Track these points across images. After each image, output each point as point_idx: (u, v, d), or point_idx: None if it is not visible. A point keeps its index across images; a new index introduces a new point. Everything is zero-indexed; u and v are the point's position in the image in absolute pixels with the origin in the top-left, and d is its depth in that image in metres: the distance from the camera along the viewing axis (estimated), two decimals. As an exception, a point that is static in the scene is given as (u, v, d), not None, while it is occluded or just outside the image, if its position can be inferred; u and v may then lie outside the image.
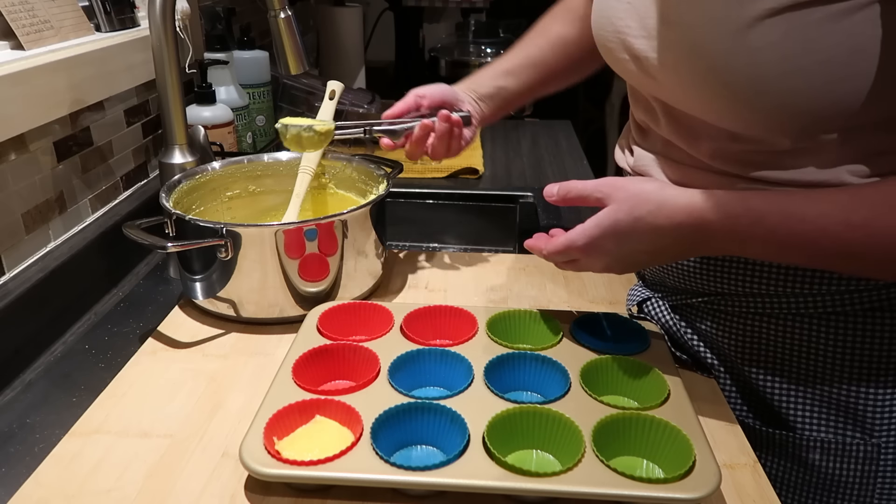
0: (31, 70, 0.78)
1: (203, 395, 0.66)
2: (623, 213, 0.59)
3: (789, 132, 0.56)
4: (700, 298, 0.70)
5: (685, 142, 0.64)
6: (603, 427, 0.56)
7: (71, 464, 0.57)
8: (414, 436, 0.58)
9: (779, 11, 0.52)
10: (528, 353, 0.65)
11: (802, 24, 0.51)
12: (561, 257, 0.64)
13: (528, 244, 0.67)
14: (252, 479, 0.55)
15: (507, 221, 1.22)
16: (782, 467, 0.68)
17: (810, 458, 0.66)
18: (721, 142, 0.61)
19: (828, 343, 0.64)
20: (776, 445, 0.67)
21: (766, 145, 0.58)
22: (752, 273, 0.65)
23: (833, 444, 0.65)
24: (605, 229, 0.60)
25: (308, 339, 0.68)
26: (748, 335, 0.67)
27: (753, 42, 0.53)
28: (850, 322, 0.62)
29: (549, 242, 0.64)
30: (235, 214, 0.92)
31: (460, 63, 1.78)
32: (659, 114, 0.66)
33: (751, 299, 0.66)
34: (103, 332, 0.78)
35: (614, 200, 0.60)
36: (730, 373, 0.70)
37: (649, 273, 0.76)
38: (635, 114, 0.72)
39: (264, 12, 0.90)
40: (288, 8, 0.87)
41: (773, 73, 0.53)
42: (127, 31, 1.01)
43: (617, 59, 0.67)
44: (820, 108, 0.54)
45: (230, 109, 1.21)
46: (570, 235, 0.62)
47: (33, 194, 0.82)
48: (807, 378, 0.65)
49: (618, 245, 0.60)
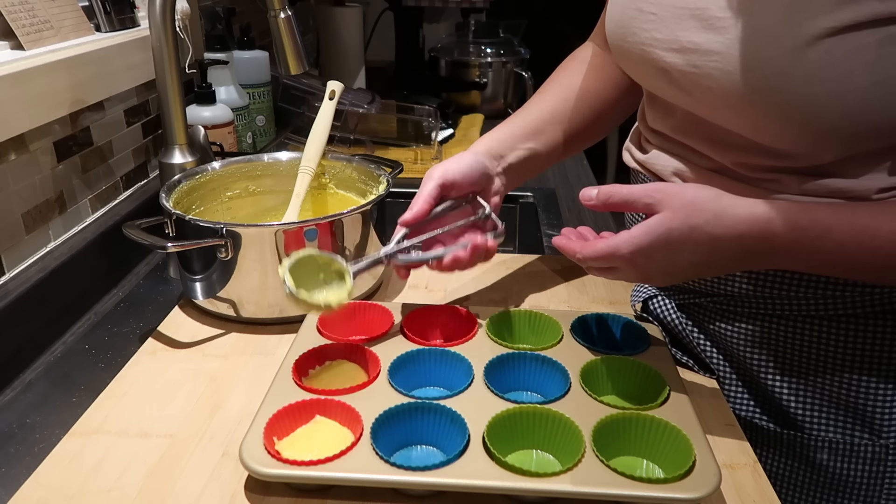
0: (31, 70, 0.78)
1: (203, 395, 0.66)
2: (678, 222, 0.54)
3: (835, 149, 0.55)
4: (709, 299, 0.69)
5: (711, 150, 0.63)
6: (603, 427, 0.56)
7: (71, 464, 0.57)
8: (414, 436, 0.58)
9: (840, 31, 0.50)
10: (528, 353, 0.65)
11: (863, 45, 0.50)
12: (600, 263, 0.59)
13: (559, 244, 0.61)
14: (252, 479, 0.55)
15: (507, 221, 1.21)
16: (790, 467, 0.68)
17: (818, 458, 0.66)
18: (753, 154, 0.59)
19: (837, 345, 0.63)
20: (784, 445, 0.67)
21: (804, 160, 0.57)
22: (765, 275, 0.64)
23: (841, 444, 0.65)
24: (657, 238, 0.55)
25: (308, 339, 0.68)
26: (758, 336, 0.67)
27: (811, 62, 0.51)
28: (861, 324, 0.62)
29: (586, 247, 0.58)
30: (235, 214, 0.92)
31: (460, 63, 1.78)
32: (684, 122, 0.64)
33: (761, 300, 0.66)
34: (103, 332, 0.78)
35: (667, 207, 0.55)
36: (737, 372, 0.70)
37: None
38: (650, 117, 0.70)
39: (264, 12, 0.90)
40: (288, 8, 0.87)
41: (830, 93, 0.52)
42: (127, 31, 1.01)
43: (640, 70, 0.65)
44: (872, 128, 0.53)
45: (230, 109, 1.21)
46: (615, 242, 0.56)
47: (33, 194, 0.82)
48: (816, 378, 0.65)
49: (668, 255, 0.55)
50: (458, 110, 1.71)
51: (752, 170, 0.60)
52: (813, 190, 0.58)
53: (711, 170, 0.64)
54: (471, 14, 1.97)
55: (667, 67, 0.61)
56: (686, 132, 0.65)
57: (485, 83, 1.77)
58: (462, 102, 1.76)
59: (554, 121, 0.78)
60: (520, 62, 1.79)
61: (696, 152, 0.65)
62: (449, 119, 1.57)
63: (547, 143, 0.78)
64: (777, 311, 0.65)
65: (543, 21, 2.30)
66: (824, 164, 0.57)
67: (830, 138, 0.54)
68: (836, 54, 0.51)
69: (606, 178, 2.93)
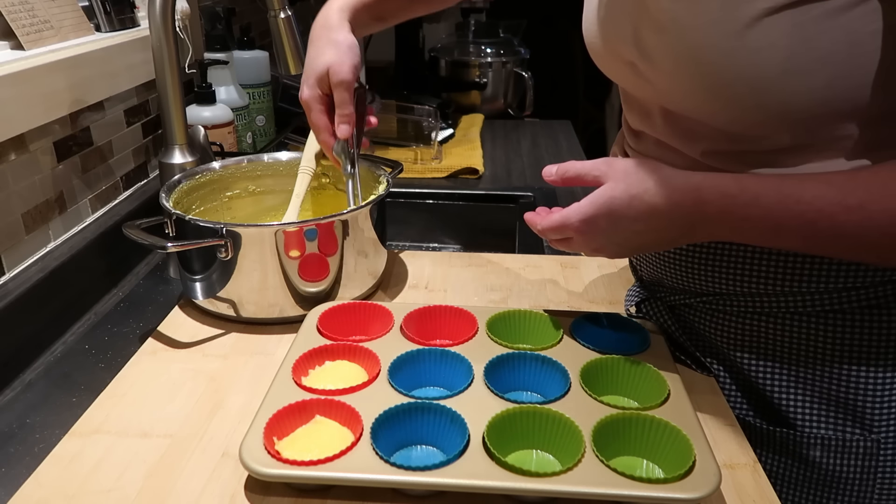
0: (31, 70, 0.78)
1: (203, 395, 0.66)
2: (619, 191, 0.59)
3: (790, 130, 0.56)
4: (698, 298, 0.70)
5: (681, 142, 0.64)
6: (603, 427, 0.56)
7: (71, 464, 0.57)
8: (414, 436, 0.58)
9: (776, 10, 0.52)
10: (528, 353, 0.65)
11: (801, 22, 0.51)
12: (555, 234, 0.64)
13: (528, 217, 0.67)
14: (252, 479, 0.55)
15: (507, 221, 1.22)
16: (783, 465, 0.68)
17: (811, 455, 0.66)
18: (719, 142, 0.61)
19: (826, 340, 0.64)
20: (777, 443, 0.68)
21: (764, 144, 0.58)
22: (751, 272, 0.65)
23: (833, 440, 0.65)
24: (600, 207, 0.59)
25: (308, 339, 0.68)
26: (747, 334, 0.67)
27: (753, 42, 0.53)
28: (849, 320, 0.63)
29: (544, 219, 0.64)
30: (235, 214, 0.92)
31: (460, 63, 1.78)
32: (655, 116, 0.66)
33: (749, 299, 0.66)
34: (103, 332, 0.78)
35: (610, 178, 0.60)
36: (729, 372, 0.70)
37: (647, 273, 0.76)
38: (629, 118, 0.72)
39: (264, 12, 0.90)
40: (288, 8, 0.87)
41: (774, 72, 0.53)
42: (127, 31, 1.01)
43: (610, 66, 0.67)
44: (820, 104, 0.54)
45: (230, 109, 1.21)
46: (566, 212, 0.62)
47: (33, 194, 0.82)
48: (806, 375, 0.65)
49: (612, 224, 0.60)
50: (458, 110, 1.71)
51: (720, 159, 0.61)
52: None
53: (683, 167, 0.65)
54: (471, 14, 1.97)
55: (633, 61, 0.63)
56: (658, 128, 0.66)
57: (485, 83, 1.77)
58: (462, 102, 1.76)
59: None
60: (520, 62, 1.79)
61: (669, 148, 0.66)
62: (449, 119, 1.57)
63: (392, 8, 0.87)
64: (766, 308, 0.65)
65: (543, 21, 2.30)
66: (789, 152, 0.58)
67: (781, 118, 0.55)
68: (775, 34, 0.52)
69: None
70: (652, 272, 0.75)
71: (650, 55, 0.61)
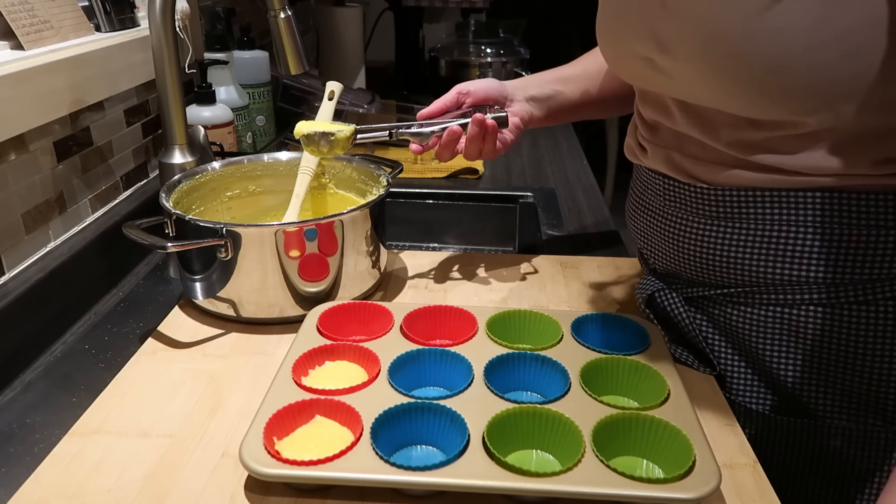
0: (31, 70, 0.78)
1: (203, 395, 0.66)
2: None
3: (812, 113, 0.56)
4: (718, 291, 0.69)
5: (703, 133, 0.64)
6: (603, 427, 0.56)
7: (71, 464, 0.57)
8: (414, 436, 0.58)
9: None
10: (528, 353, 0.65)
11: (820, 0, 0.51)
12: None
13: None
14: (252, 479, 0.55)
15: (507, 221, 1.22)
16: (800, 457, 0.68)
17: (831, 446, 0.66)
18: (741, 130, 0.61)
19: (850, 331, 0.63)
20: (796, 435, 0.67)
21: (785, 129, 0.58)
22: (775, 262, 0.64)
23: (854, 431, 0.65)
24: None
25: (308, 339, 0.68)
26: (769, 325, 0.67)
27: (773, 23, 0.53)
28: (872, 311, 0.62)
29: None
30: (235, 214, 0.92)
31: (460, 63, 1.78)
32: (673, 110, 0.66)
33: (772, 288, 0.65)
34: (103, 332, 0.78)
35: None
36: (745, 362, 0.69)
37: (661, 265, 0.75)
38: (644, 112, 0.72)
39: (264, 12, 0.90)
40: (288, 8, 0.87)
41: (794, 51, 0.53)
42: (127, 31, 1.01)
43: (626, 66, 0.67)
44: (839, 82, 0.54)
45: (230, 109, 1.21)
46: None
47: (33, 194, 0.82)
48: (829, 366, 0.65)
49: None
50: (459, 110, 1.70)
51: (745, 149, 0.61)
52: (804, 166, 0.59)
53: (705, 159, 0.65)
54: (471, 14, 1.97)
55: (649, 56, 0.63)
56: (677, 121, 0.66)
57: (485, 83, 1.77)
58: (462, 102, 1.76)
59: (584, 76, 0.86)
60: (520, 62, 1.79)
61: (690, 139, 0.65)
62: (449, 119, 1.57)
63: (574, 90, 0.86)
64: (789, 299, 0.65)
65: (543, 21, 2.30)
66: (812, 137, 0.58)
67: (801, 99, 0.55)
68: (795, 12, 0.52)
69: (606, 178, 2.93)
70: (667, 265, 0.73)
71: (668, 47, 0.61)
